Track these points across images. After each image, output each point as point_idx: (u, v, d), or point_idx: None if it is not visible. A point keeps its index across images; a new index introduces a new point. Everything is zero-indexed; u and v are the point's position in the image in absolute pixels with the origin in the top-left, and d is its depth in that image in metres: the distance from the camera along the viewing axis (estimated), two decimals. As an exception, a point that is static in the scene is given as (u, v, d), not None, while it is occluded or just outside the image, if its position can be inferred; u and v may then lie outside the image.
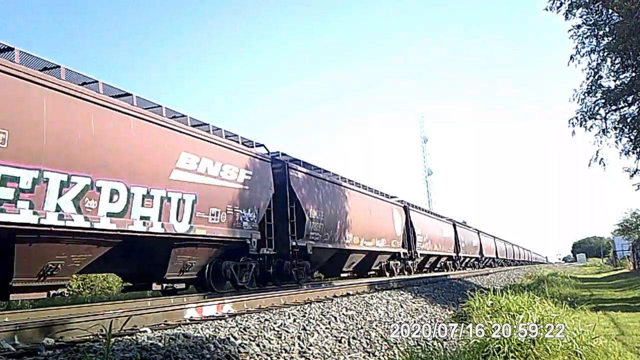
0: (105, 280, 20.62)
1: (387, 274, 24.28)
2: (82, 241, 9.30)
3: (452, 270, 34.90)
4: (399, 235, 25.65)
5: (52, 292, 9.21)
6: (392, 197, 27.09)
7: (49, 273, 8.87)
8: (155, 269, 11.44)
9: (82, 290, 19.91)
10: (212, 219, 12.18)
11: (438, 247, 32.97)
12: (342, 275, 21.88)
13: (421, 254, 28.99)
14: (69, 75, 9.49)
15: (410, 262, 27.44)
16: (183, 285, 12.50)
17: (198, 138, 12.14)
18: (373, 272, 23.96)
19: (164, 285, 11.78)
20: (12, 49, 8.66)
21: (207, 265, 12.77)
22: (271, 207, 14.99)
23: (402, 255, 26.03)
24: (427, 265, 32.26)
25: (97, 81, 10.01)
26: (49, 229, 8.45)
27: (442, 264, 35.50)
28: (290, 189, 15.97)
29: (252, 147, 14.91)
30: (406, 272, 26.56)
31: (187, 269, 11.97)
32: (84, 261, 9.63)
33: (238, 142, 13.99)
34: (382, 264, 24.33)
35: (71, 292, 19.24)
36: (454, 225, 38.88)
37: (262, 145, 15.36)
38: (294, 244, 15.69)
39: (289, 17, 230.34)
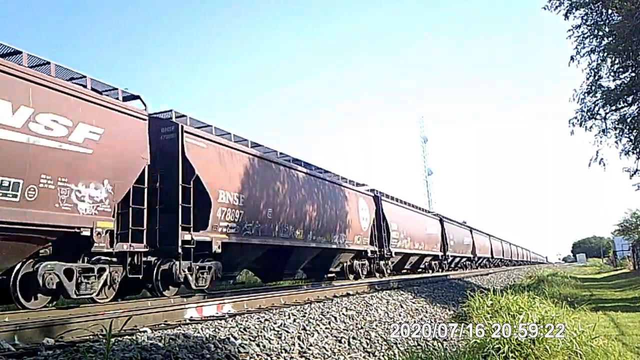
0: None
1: (351, 276, 20.43)
2: None
3: (438, 271, 31.88)
4: (366, 230, 21.44)
5: None
6: (359, 184, 22.80)
7: None
8: None
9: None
10: (4, 195, 7.55)
11: (420, 245, 28.75)
12: (286, 278, 18.29)
13: (397, 253, 24.49)
14: None
15: (382, 263, 23.04)
16: None
17: None
18: (332, 275, 20.13)
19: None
20: None
21: (16, 269, 8.35)
22: (144, 183, 10.36)
23: (369, 254, 21.50)
24: (407, 266, 28.29)
25: None
26: None
27: (427, 264, 31.78)
28: (184, 161, 11.37)
29: (117, 98, 10.33)
30: (378, 275, 22.51)
31: None
32: None
33: (85, 85, 9.52)
34: (345, 264, 20.39)
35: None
36: (441, 221, 34.81)
37: (138, 97, 10.88)
38: (187, 237, 11.06)
39: (289, 17, 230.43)
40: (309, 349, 6.41)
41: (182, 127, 11.57)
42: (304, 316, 7.88)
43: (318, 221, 17.28)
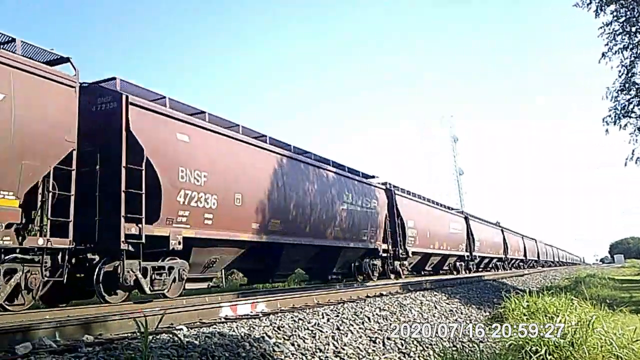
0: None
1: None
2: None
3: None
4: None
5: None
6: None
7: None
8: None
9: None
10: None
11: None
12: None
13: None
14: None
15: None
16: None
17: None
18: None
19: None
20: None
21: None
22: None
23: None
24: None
25: None
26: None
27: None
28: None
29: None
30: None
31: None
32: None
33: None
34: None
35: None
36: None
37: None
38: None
39: (296, 15, 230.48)
40: (344, 349, 6.40)
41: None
42: (338, 316, 7.87)
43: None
